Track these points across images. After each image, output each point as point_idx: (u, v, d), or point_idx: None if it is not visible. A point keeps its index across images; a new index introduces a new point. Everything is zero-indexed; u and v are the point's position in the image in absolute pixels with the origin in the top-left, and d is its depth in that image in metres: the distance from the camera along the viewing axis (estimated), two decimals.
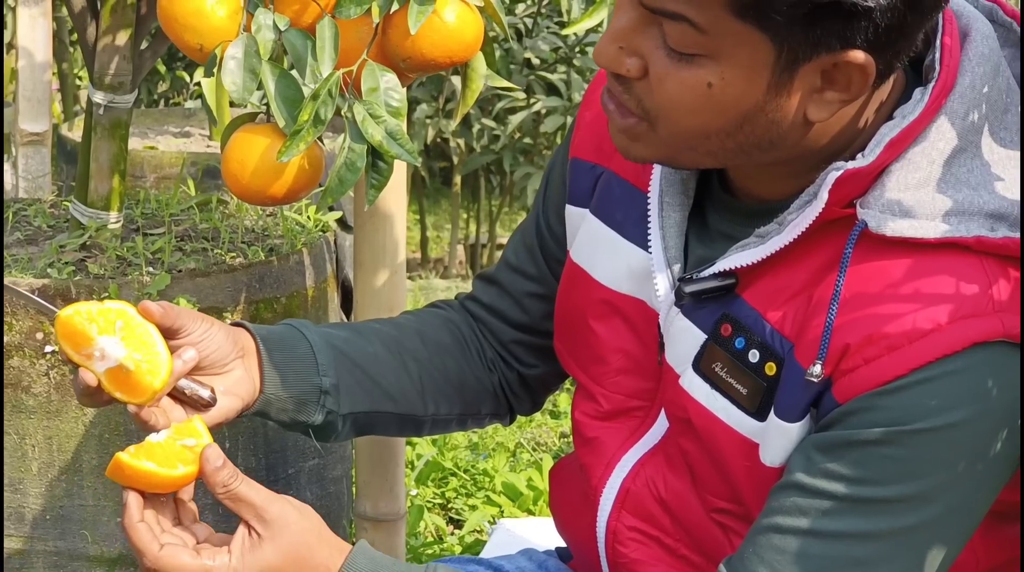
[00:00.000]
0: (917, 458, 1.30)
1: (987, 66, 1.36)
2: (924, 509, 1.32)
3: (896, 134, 1.32)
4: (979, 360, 1.29)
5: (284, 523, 1.38)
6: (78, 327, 1.42)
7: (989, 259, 1.31)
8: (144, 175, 3.26)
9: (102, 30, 2.04)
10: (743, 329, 1.40)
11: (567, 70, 5.53)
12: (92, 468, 2.03)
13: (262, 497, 1.39)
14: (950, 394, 1.29)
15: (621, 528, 1.54)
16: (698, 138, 1.35)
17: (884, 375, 1.29)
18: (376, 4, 1.61)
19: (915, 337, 1.28)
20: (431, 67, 1.66)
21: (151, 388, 1.42)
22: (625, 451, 1.55)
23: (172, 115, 3.92)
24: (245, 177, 1.65)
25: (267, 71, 1.62)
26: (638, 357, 1.53)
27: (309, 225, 2.29)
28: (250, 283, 2.07)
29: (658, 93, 1.33)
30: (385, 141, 1.60)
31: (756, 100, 1.31)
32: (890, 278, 1.31)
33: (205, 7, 1.63)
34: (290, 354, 1.58)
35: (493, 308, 1.71)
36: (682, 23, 1.28)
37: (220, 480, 1.38)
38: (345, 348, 1.62)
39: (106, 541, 2.06)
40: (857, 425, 1.31)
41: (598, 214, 1.56)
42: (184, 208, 2.33)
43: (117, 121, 2.09)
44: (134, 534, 1.38)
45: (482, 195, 6.51)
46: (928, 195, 1.32)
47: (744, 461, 1.41)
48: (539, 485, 2.97)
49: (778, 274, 1.39)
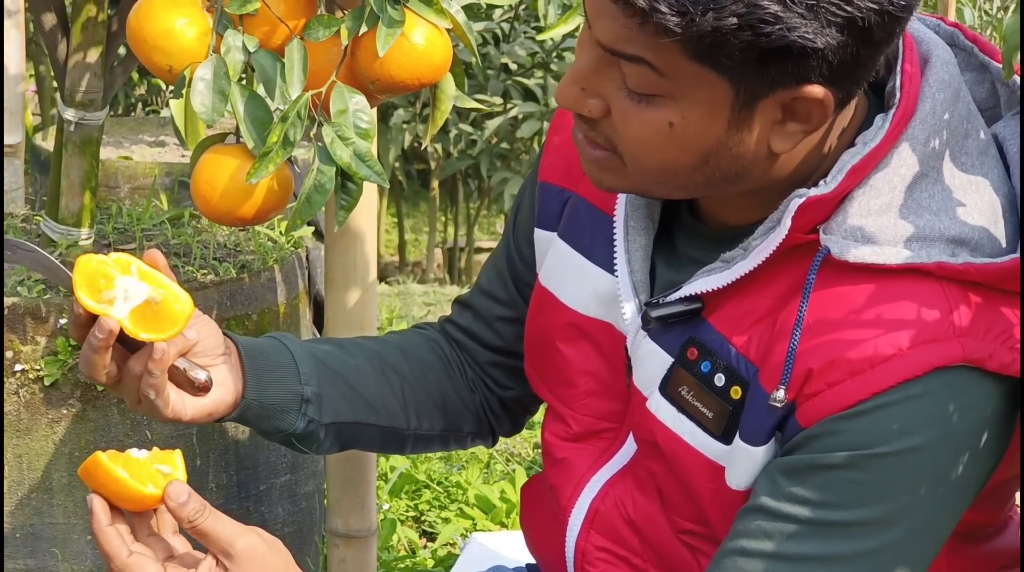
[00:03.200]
0: (880, 482, 1.32)
1: (947, 92, 1.37)
2: (887, 532, 1.33)
3: (857, 161, 1.34)
4: (940, 384, 1.30)
5: (251, 557, 1.38)
6: (100, 269, 1.46)
7: (950, 285, 1.32)
8: (118, 185, 3.26)
9: (73, 47, 2.04)
10: (709, 353, 1.41)
11: (544, 75, 5.53)
12: (62, 486, 2.02)
13: (229, 532, 1.39)
14: (911, 418, 1.30)
15: (590, 548, 1.54)
16: (665, 174, 1.36)
17: (846, 400, 1.31)
18: (345, 26, 1.61)
19: (876, 362, 1.30)
20: (400, 89, 1.67)
21: (182, 314, 1.46)
22: (594, 472, 1.55)
23: (147, 124, 3.91)
24: (214, 198, 1.65)
25: (236, 92, 1.62)
26: (607, 380, 1.54)
27: (281, 241, 2.29)
28: (221, 300, 2.07)
29: (622, 132, 1.35)
30: (354, 163, 1.60)
31: (718, 137, 1.32)
32: (852, 304, 1.33)
33: (174, 28, 1.63)
34: (272, 362, 1.60)
35: (469, 331, 1.73)
36: (641, 65, 1.29)
37: (185, 516, 1.38)
38: (327, 360, 1.64)
39: (76, 559, 2.06)
40: (820, 449, 1.32)
41: (565, 238, 1.57)
42: (156, 223, 2.32)
43: (88, 138, 2.09)
44: (103, 538, 1.38)
45: (460, 199, 6.51)
46: (890, 221, 1.34)
47: (710, 484, 1.42)
48: (512, 498, 2.98)
49: (744, 299, 1.40)
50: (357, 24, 1.61)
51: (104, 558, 1.39)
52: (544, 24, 4.79)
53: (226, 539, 1.38)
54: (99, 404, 2.00)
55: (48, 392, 2.00)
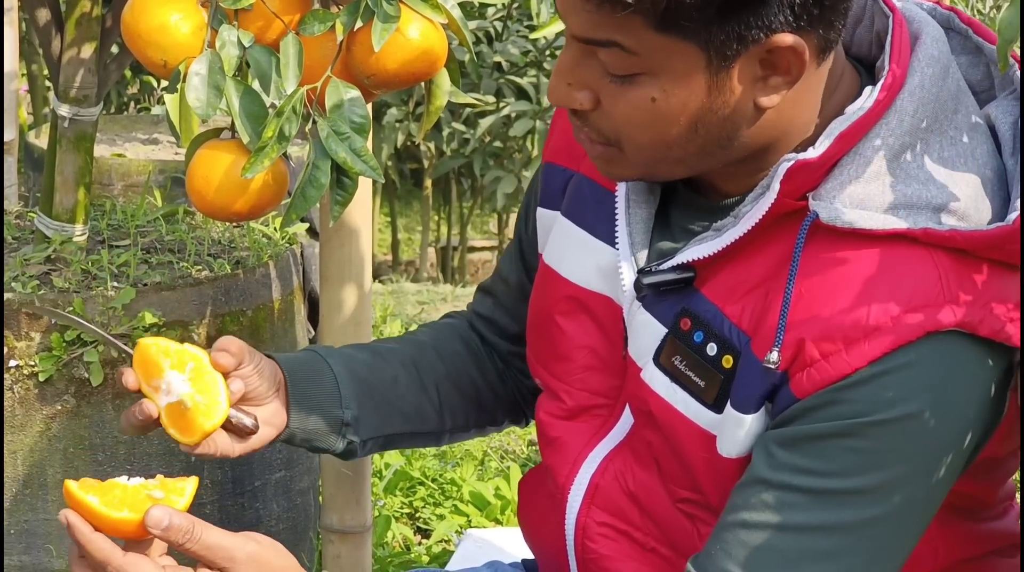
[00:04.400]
0: (878, 449, 1.33)
1: (936, 67, 1.39)
2: (887, 499, 1.34)
3: (846, 127, 1.36)
4: (933, 350, 1.32)
5: (257, 562, 1.38)
6: (153, 357, 1.50)
7: (938, 252, 1.34)
8: (112, 183, 3.25)
9: (67, 43, 2.04)
10: (702, 323, 1.43)
11: (537, 74, 5.53)
12: (56, 482, 2.02)
13: (227, 544, 1.37)
14: (907, 385, 1.32)
15: (591, 524, 1.55)
16: (661, 149, 1.39)
17: (842, 370, 1.32)
18: (340, 21, 1.61)
19: (870, 330, 1.32)
20: (395, 84, 1.67)
21: (201, 429, 1.50)
22: (591, 448, 1.56)
23: (140, 122, 3.91)
24: (209, 193, 1.65)
25: (231, 87, 1.62)
26: (603, 354, 1.55)
27: (276, 237, 2.29)
28: (216, 296, 2.07)
29: (612, 117, 1.39)
30: (349, 158, 1.60)
31: (700, 103, 1.35)
32: (842, 271, 1.35)
33: (169, 23, 1.63)
34: (315, 387, 1.64)
35: (490, 320, 1.77)
36: (613, 49, 1.34)
37: (174, 539, 1.35)
38: (367, 376, 1.68)
39: None
40: (818, 419, 1.34)
41: (569, 216, 1.59)
42: (150, 219, 2.32)
43: (82, 134, 2.08)
44: (92, 546, 1.35)
45: (453, 198, 6.51)
46: (878, 189, 1.36)
47: (703, 453, 1.44)
48: (506, 494, 2.98)
49: (736, 269, 1.42)
50: (352, 19, 1.61)
51: (98, 568, 1.35)
52: (537, 23, 4.79)
53: (226, 552, 1.37)
54: (93, 400, 2.00)
55: (42, 388, 2.00)
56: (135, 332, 1.97)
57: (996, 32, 1.17)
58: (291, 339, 2.24)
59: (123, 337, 1.96)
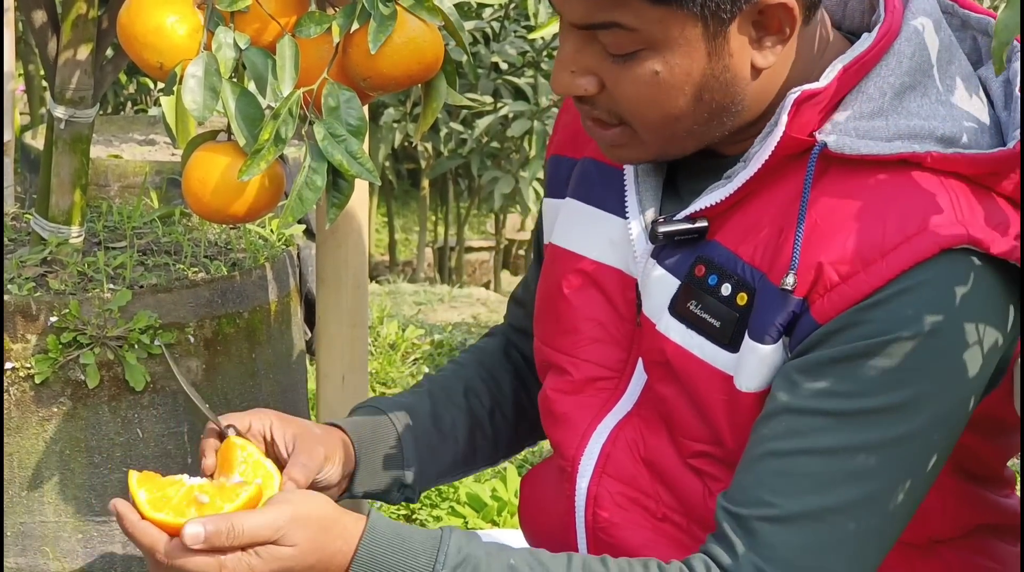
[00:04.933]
0: (901, 367, 1.36)
1: (929, 20, 1.45)
2: (912, 419, 1.38)
3: (848, 61, 1.42)
4: (948, 266, 1.36)
5: (304, 525, 1.40)
6: (230, 460, 1.53)
7: (946, 177, 1.39)
8: (108, 184, 3.25)
9: (63, 45, 2.03)
10: (716, 267, 1.46)
11: (534, 74, 5.53)
12: (53, 485, 2.02)
13: (267, 522, 1.40)
14: (926, 301, 1.35)
15: (602, 493, 1.57)
16: (670, 123, 1.44)
17: (862, 290, 1.36)
18: (336, 23, 1.61)
19: (887, 250, 1.36)
20: (391, 86, 1.66)
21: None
22: (600, 420, 1.58)
23: (137, 122, 3.90)
24: (206, 196, 1.65)
25: (227, 90, 1.62)
26: (610, 327, 1.58)
27: (272, 239, 2.28)
28: (212, 298, 2.07)
29: (619, 98, 1.44)
30: (345, 160, 1.60)
31: (703, 70, 1.41)
32: (853, 197, 1.39)
33: (165, 25, 1.62)
34: (380, 455, 1.68)
35: (523, 330, 1.80)
36: (613, 29, 1.39)
37: (219, 545, 1.38)
38: (423, 434, 1.72)
39: (67, 557, 2.06)
40: (841, 342, 1.37)
41: (576, 196, 1.63)
42: (147, 221, 2.32)
43: (78, 135, 2.08)
44: (139, 533, 1.40)
45: (450, 198, 6.51)
46: (882, 122, 1.42)
47: (720, 395, 1.46)
48: (503, 496, 2.98)
49: (748, 212, 1.46)
50: (349, 21, 1.61)
51: (146, 554, 1.39)
52: (534, 23, 4.79)
53: (271, 529, 1.39)
54: (90, 402, 1.99)
55: (39, 390, 1.99)
56: (131, 334, 1.96)
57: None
58: (288, 341, 2.24)
59: (119, 339, 1.96)
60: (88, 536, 2.04)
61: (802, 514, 1.38)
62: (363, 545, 1.41)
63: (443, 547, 1.41)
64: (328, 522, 1.42)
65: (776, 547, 1.38)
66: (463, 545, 1.42)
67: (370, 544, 1.41)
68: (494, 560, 1.42)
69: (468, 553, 1.41)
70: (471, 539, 1.44)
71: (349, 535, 1.42)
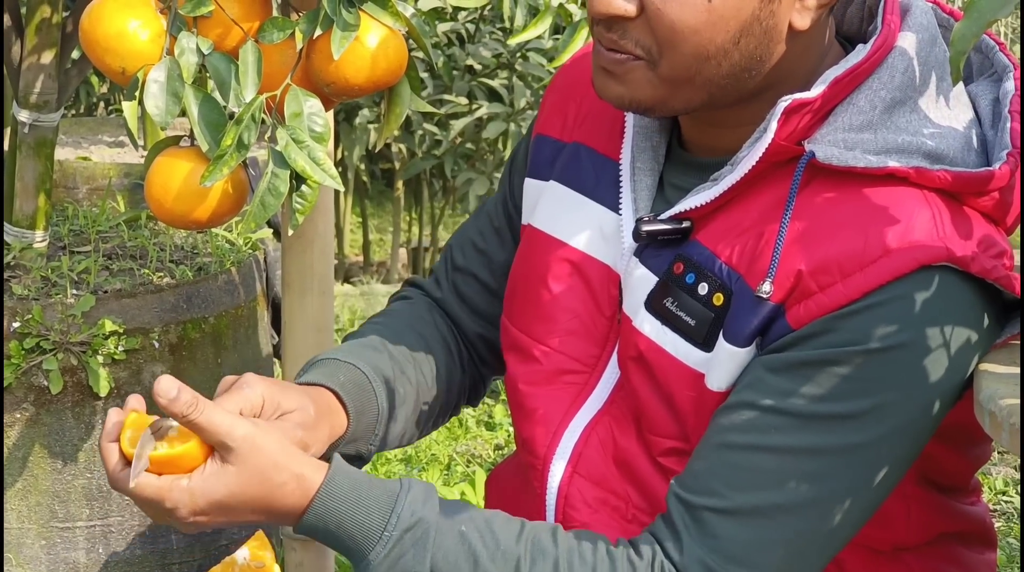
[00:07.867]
0: (868, 377, 1.37)
1: (925, 34, 1.46)
2: (873, 428, 1.38)
3: (840, 72, 1.42)
4: (925, 282, 1.36)
5: (252, 445, 1.37)
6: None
7: (931, 193, 1.39)
8: (76, 186, 3.23)
9: (27, 49, 2.03)
10: (694, 266, 1.46)
11: (509, 76, 5.52)
12: (16, 491, 2.01)
13: (226, 423, 1.36)
14: (900, 316, 1.36)
15: (573, 493, 1.56)
16: (699, 61, 1.41)
17: (839, 300, 1.36)
18: (299, 29, 1.60)
19: (866, 262, 1.36)
20: (355, 92, 1.66)
21: None
22: (572, 416, 1.57)
23: (107, 124, 3.88)
24: (168, 201, 1.64)
25: (190, 95, 1.61)
26: (587, 320, 1.57)
27: (239, 243, 2.27)
28: (177, 303, 2.06)
29: (658, 23, 1.40)
30: (308, 166, 1.59)
31: (752, 8, 1.40)
32: (838, 209, 1.39)
33: (127, 30, 1.61)
34: (365, 401, 1.60)
35: (469, 300, 1.73)
36: None
37: (178, 410, 1.35)
38: (391, 380, 1.65)
39: (30, 564, 2.05)
40: (812, 346, 1.38)
41: (564, 181, 1.61)
42: (112, 225, 2.31)
43: (43, 139, 2.07)
44: (104, 453, 1.38)
45: (425, 198, 6.50)
46: (870, 135, 1.42)
47: (690, 392, 1.46)
48: (472, 499, 2.97)
49: (730, 214, 1.46)
50: (312, 27, 1.60)
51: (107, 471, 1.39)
52: (510, 27, 4.78)
53: (225, 430, 1.36)
54: (53, 408, 1.98)
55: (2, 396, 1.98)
56: (95, 340, 1.96)
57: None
58: (254, 346, 2.23)
59: (83, 345, 1.95)
60: (51, 542, 2.03)
61: (751, 509, 1.39)
62: (318, 497, 1.37)
63: (397, 507, 1.39)
64: (284, 457, 1.38)
65: (721, 539, 1.39)
66: (417, 508, 1.39)
67: (326, 497, 1.38)
68: (445, 526, 1.39)
69: (421, 516, 1.39)
70: (427, 500, 1.41)
71: (305, 480, 1.38)
